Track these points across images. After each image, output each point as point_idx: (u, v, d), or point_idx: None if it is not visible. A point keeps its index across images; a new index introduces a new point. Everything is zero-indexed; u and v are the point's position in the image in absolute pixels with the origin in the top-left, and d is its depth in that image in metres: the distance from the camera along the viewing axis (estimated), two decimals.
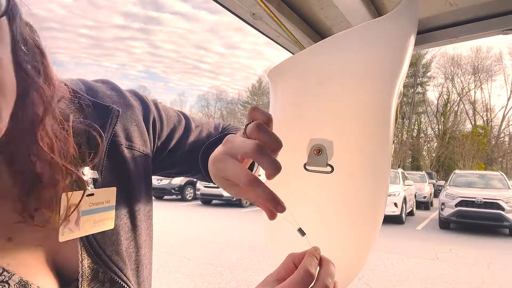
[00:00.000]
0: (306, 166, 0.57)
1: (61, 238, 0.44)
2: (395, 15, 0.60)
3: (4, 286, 0.39)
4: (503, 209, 8.60)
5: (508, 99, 32.73)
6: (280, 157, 0.66)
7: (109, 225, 0.50)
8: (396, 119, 0.65)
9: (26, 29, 0.40)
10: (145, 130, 0.60)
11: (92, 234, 0.48)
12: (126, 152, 0.55)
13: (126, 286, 0.51)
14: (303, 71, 0.60)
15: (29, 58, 0.40)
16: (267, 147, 0.43)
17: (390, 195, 9.25)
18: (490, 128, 33.25)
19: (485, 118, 33.97)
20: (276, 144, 0.44)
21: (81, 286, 0.46)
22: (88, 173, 0.48)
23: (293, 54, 1.08)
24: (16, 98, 0.37)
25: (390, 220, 9.73)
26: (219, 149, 0.47)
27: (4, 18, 0.35)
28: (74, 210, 0.45)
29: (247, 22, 0.92)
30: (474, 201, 8.96)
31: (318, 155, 0.55)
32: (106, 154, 0.51)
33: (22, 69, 0.38)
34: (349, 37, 0.58)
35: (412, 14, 0.64)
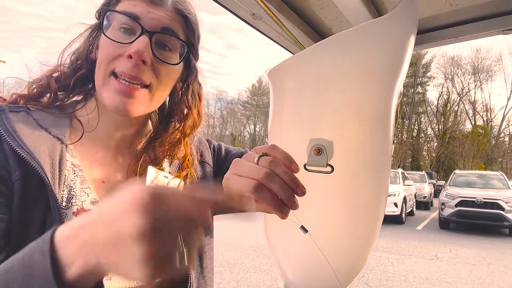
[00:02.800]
0: (306, 166, 0.57)
1: None
2: (395, 15, 0.60)
3: (85, 195, 0.59)
4: (503, 209, 8.59)
5: (508, 99, 32.74)
6: None
7: None
8: (396, 119, 0.65)
9: (196, 85, 0.74)
10: (210, 152, 0.84)
11: None
12: (198, 163, 0.78)
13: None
14: (303, 71, 0.60)
15: (192, 99, 0.73)
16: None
17: (390, 195, 9.24)
18: (490, 128, 33.23)
19: (485, 118, 33.96)
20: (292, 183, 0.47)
21: None
22: (166, 167, 0.72)
23: (293, 54, 1.08)
24: (181, 118, 0.72)
25: (390, 220, 9.73)
26: (227, 173, 0.53)
27: (179, 70, 0.67)
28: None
29: (247, 22, 0.92)
30: (474, 201, 8.94)
31: (318, 155, 0.55)
32: (181, 163, 0.75)
33: (187, 104, 0.73)
34: (349, 37, 0.58)
35: (412, 14, 0.64)
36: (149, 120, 0.74)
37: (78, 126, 0.64)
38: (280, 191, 0.45)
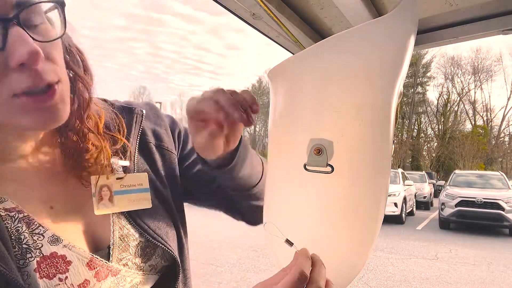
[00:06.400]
0: (306, 166, 0.57)
1: (96, 212, 0.54)
2: (395, 15, 0.60)
3: (39, 237, 0.47)
4: (503, 209, 8.59)
5: (508, 99, 32.74)
6: (280, 157, 0.66)
7: (146, 204, 0.59)
8: (396, 119, 0.65)
9: (66, 38, 0.54)
10: (171, 137, 0.70)
11: (135, 212, 0.57)
12: (155, 149, 0.65)
13: (171, 252, 0.59)
14: (303, 71, 0.60)
15: (72, 58, 0.54)
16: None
17: (390, 195, 9.24)
18: (490, 128, 33.23)
19: (485, 118, 33.96)
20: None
21: (112, 253, 0.53)
22: (117, 162, 0.58)
23: (293, 54, 1.08)
24: (72, 87, 0.52)
25: (390, 220, 9.73)
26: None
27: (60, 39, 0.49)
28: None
29: (247, 22, 0.92)
30: (474, 201, 8.95)
31: (318, 155, 0.56)
32: (137, 148, 0.62)
33: (68, 65, 0.52)
34: (349, 37, 0.57)
35: (412, 14, 0.64)
36: None
37: None
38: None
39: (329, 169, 0.55)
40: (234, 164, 0.60)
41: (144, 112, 0.65)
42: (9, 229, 0.46)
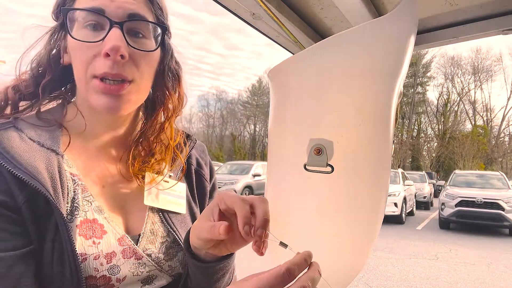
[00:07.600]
0: (306, 166, 0.57)
1: (145, 202, 0.65)
2: (395, 15, 0.60)
3: (88, 204, 0.58)
4: (503, 209, 8.59)
5: (508, 99, 32.74)
6: (280, 157, 0.66)
7: (181, 209, 0.69)
8: (396, 119, 0.65)
9: (173, 64, 0.69)
10: (209, 174, 0.80)
11: (168, 214, 0.67)
12: (194, 171, 0.76)
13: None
14: (303, 71, 0.60)
15: (170, 81, 0.69)
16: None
17: (390, 195, 9.24)
18: (490, 128, 33.23)
19: (485, 118, 33.97)
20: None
21: (141, 240, 0.62)
22: (166, 170, 0.70)
23: (293, 54, 1.08)
24: (161, 101, 0.69)
25: (390, 220, 9.73)
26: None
27: (158, 54, 0.64)
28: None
29: (247, 22, 0.92)
30: (474, 201, 8.95)
31: (318, 155, 0.56)
32: (183, 165, 0.73)
33: (166, 87, 0.68)
34: (349, 37, 0.58)
35: (412, 14, 0.64)
36: (140, 112, 0.71)
37: (67, 133, 0.62)
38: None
39: (329, 169, 0.55)
40: (214, 266, 0.60)
41: (197, 141, 0.79)
42: (69, 187, 0.57)
